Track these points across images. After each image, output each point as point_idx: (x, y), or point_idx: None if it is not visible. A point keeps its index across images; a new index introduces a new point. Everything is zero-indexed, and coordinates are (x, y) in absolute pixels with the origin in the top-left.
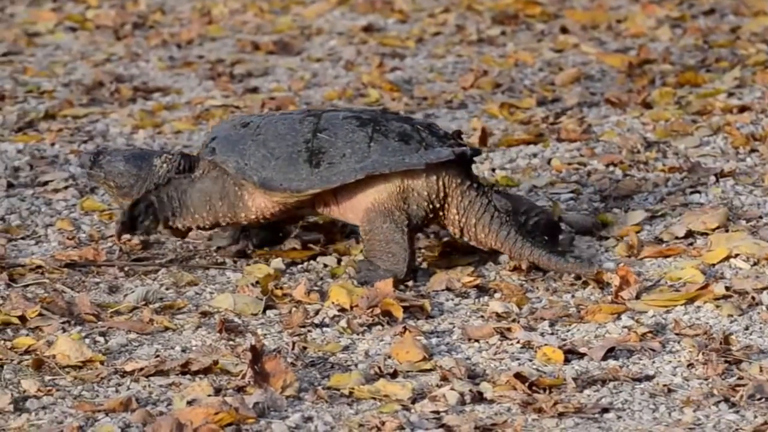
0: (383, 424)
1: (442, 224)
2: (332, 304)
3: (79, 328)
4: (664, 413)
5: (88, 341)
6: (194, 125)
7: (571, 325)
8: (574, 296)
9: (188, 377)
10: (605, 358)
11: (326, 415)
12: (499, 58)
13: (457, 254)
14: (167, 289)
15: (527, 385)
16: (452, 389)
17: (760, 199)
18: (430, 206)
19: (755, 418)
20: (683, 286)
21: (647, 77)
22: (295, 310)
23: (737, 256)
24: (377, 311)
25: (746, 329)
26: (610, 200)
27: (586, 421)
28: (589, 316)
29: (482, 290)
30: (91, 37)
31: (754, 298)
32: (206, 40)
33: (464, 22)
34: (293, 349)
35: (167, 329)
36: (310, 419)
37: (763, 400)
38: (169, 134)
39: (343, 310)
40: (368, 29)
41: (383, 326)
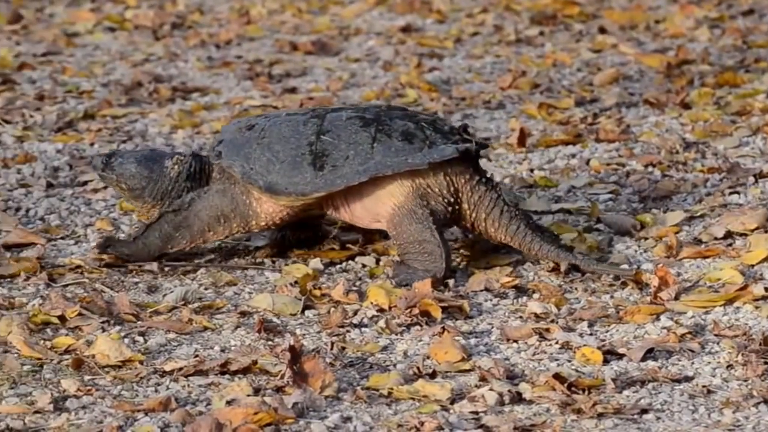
0: (422, 424)
1: (458, 221)
2: (371, 304)
3: (118, 327)
4: (703, 414)
5: (127, 341)
6: None
7: (609, 325)
8: (612, 297)
9: (227, 377)
10: (644, 358)
11: (365, 415)
12: (537, 58)
13: (495, 255)
14: (206, 289)
15: (566, 385)
16: (491, 390)
17: None
18: (446, 201)
19: None
20: (722, 287)
21: (686, 78)
22: (333, 310)
23: None
24: (416, 311)
25: None
26: (648, 201)
27: (625, 422)
28: (628, 316)
29: (521, 291)
30: (129, 37)
31: None
32: (244, 40)
33: (502, 22)
34: (332, 349)
35: (206, 329)
36: (348, 419)
37: None
38: (207, 134)
39: (381, 310)
40: (406, 29)
41: (422, 326)
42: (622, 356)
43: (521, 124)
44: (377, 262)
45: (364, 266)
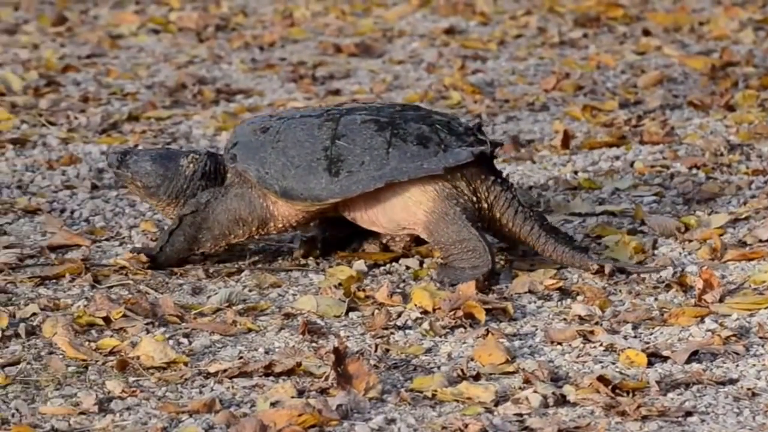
0: (466, 426)
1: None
2: (415, 306)
3: (163, 329)
4: (747, 417)
5: (171, 342)
6: None
7: (654, 328)
8: (657, 299)
9: (271, 379)
10: (689, 361)
11: (409, 417)
12: (581, 60)
13: (539, 257)
14: (250, 290)
15: (610, 388)
16: (535, 392)
17: None
18: (471, 199)
19: None
20: (767, 289)
21: (730, 80)
22: (377, 312)
23: None
24: (460, 314)
25: None
26: (693, 203)
27: (669, 424)
28: (672, 319)
29: (565, 293)
30: (173, 39)
31: None
32: (288, 42)
33: (546, 24)
34: (376, 351)
35: (250, 331)
36: (392, 421)
37: None
38: None
39: (425, 312)
40: (450, 31)
41: (466, 329)
42: (666, 359)
43: (565, 126)
44: (421, 264)
45: (407, 268)
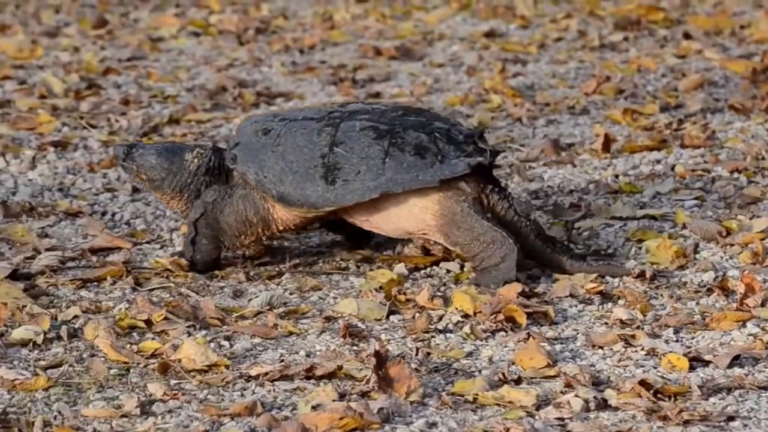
0: (507, 430)
1: None
2: (455, 309)
3: (204, 332)
4: None
5: (213, 345)
6: None
7: (695, 332)
8: (698, 303)
9: (313, 382)
10: (731, 365)
11: (450, 421)
12: (621, 63)
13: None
14: (291, 293)
15: (652, 392)
16: (577, 396)
17: None
18: (474, 195)
19: None
20: None
21: None
22: (418, 315)
23: None
24: (501, 317)
25: None
26: (734, 207)
27: (711, 429)
28: (714, 323)
29: (606, 297)
30: (214, 42)
31: None
32: (328, 45)
33: (586, 27)
34: (417, 354)
35: (291, 334)
36: (434, 425)
37: None
38: None
39: (466, 315)
40: (490, 35)
41: (507, 332)
42: (708, 363)
43: (606, 129)
44: (462, 267)
45: (448, 272)
